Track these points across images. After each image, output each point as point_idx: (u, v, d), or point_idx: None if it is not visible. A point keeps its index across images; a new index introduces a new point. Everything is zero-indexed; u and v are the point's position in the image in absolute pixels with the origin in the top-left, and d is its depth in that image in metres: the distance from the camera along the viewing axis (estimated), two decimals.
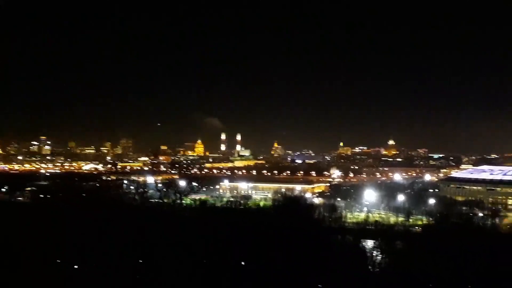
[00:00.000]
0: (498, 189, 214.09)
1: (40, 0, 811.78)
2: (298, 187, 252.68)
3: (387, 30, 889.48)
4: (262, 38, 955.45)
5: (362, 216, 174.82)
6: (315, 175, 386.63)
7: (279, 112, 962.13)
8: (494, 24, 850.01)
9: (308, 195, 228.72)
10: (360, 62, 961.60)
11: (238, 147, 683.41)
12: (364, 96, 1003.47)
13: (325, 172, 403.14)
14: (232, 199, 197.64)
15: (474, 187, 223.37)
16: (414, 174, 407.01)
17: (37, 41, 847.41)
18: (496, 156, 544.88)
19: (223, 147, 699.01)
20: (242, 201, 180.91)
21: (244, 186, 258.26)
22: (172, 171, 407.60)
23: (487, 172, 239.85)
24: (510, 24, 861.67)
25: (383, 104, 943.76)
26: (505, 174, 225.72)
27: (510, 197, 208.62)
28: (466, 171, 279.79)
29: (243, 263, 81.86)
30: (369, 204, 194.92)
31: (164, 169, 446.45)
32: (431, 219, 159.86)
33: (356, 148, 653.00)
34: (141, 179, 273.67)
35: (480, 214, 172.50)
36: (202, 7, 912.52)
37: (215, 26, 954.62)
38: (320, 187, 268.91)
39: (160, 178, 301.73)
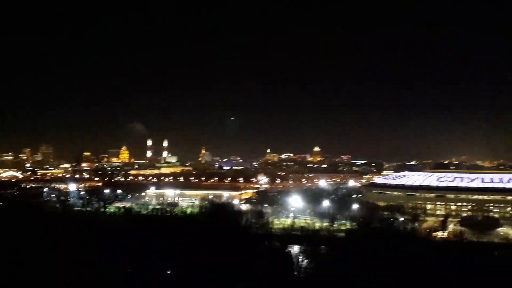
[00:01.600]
0: (417, 194, 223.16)
1: None
2: (225, 194, 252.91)
3: (312, 35, 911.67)
4: (184, 44, 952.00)
5: (288, 222, 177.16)
6: (242, 181, 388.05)
7: (207, 118, 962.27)
8: (416, 28, 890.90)
9: (235, 201, 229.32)
10: (286, 68, 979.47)
11: (165, 154, 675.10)
12: (290, 104, 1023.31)
13: (253, 179, 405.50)
14: (158, 206, 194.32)
15: (395, 193, 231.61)
16: (338, 180, 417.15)
17: None
18: (415, 162, 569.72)
19: (149, 154, 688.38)
20: (168, 209, 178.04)
21: (170, 193, 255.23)
22: (96, 178, 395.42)
23: (407, 177, 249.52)
24: (429, 27, 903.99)
25: (309, 112, 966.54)
26: (424, 180, 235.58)
27: (428, 202, 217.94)
28: (388, 177, 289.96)
29: (169, 271, 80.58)
30: (295, 210, 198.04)
31: (87, 176, 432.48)
32: (354, 223, 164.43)
33: (283, 155, 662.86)
34: (62, 186, 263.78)
35: (401, 219, 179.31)
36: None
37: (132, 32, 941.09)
38: (247, 193, 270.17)
39: (83, 185, 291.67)
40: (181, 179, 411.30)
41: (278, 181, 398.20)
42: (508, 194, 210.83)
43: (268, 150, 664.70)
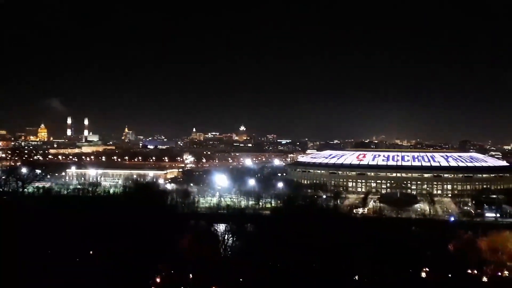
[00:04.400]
0: (340, 172, 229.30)
1: None
2: (150, 173, 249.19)
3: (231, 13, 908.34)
4: (105, 20, 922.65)
5: (214, 200, 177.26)
6: (167, 160, 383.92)
7: (130, 96, 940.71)
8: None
9: (160, 181, 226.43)
10: (211, 47, 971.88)
11: (86, 132, 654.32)
12: (216, 83, 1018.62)
13: (178, 158, 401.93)
14: (79, 186, 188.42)
15: (318, 171, 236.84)
16: (264, 159, 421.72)
17: None
18: (338, 141, 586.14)
19: (69, 132, 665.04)
20: (90, 189, 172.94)
21: (92, 173, 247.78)
22: (13, 158, 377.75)
23: (330, 156, 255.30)
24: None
25: (235, 91, 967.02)
26: (346, 158, 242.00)
27: (350, 180, 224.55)
28: (311, 156, 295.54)
29: (91, 252, 78.27)
30: (221, 188, 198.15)
31: (4, 155, 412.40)
32: (279, 202, 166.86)
33: (209, 134, 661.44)
34: None
35: (324, 196, 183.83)
36: None
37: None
38: (172, 172, 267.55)
39: None
40: (104, 158, 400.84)
41: (204, 160, 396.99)
42: (424, 171, 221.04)
43: (194, 129, 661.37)
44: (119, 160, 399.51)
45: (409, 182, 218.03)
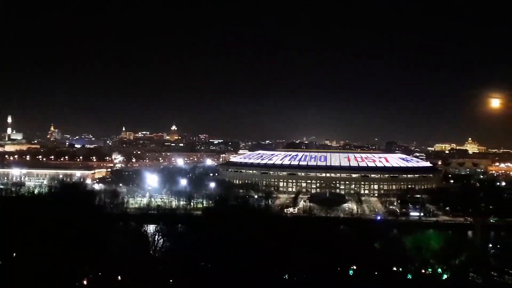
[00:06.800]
0: (271, 172, 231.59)
1: None
2: (77, 173, 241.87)
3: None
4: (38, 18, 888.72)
5: (144, 201, 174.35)
6: (95, 160, 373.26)
7: (57, 94, 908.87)
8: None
9: (88, 181, 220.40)
10: (142, 45, 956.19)
11: (9, 130, 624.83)
12: (147, 81, 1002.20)
13: (107, 157, 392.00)
14: (1, 186, 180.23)
15: (250, 171, 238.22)
16: (196, 159, 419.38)
17: None
18: (269, 141, 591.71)
19: None
20: (13, 189, 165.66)
21: (16, 173, 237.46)
22: None
23: (261, 156, 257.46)
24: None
25: (165, 90, 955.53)
26: (277, 159, 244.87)
27: (281, 180, 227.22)
28: (243, 156, 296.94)
29: (14, 254, 74.77)
30: (151, 189, 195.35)
31: None
32: (211, 202, 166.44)
33: (139, 133, 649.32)
34: None
35: (256, 196, 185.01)
36: None
37: None
38: (101, 172, 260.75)
39: None
40: (28, 157, 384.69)
41: (134, 160, 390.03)
42: (353, 172, 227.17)
43: (123, 128, 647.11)
44: (44, 159, 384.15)
45: (337, 182, 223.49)
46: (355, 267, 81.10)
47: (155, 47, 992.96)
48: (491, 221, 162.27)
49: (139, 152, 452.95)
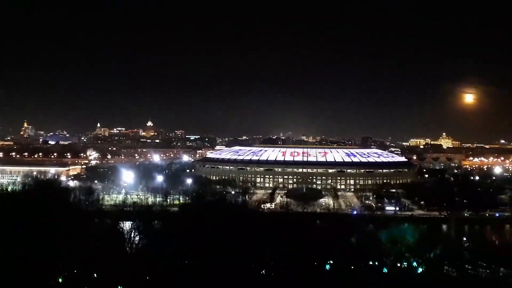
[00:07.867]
0: (248, 168, 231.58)
1: None
2: (51, 170, 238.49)
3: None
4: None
5: (120, 198, 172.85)
6: (70, 157, 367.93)
7: (30, 90, 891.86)
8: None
9: (62, 178, 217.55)
10: (117, 41, 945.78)
11: None
12: (122, 77, 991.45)
13: (82, 154, 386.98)
14: None
15: (227, 167, 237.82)
16: (172, 155, 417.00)
17: None
18: (246, 137, 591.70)
19: None
20: None
21: None
22: None
23: (238, 152, 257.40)
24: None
25: (141, 86, 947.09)
26: (254, 154, 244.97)
27: (258, 176, 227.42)
28: (220, 152, 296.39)
29: None
30: (127, 185, 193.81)
31: None
32: (187, 198, 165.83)
33: (114, 129, 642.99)
34: None
35: (233, 192, 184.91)
36: None
37: None
38: (75, 169, 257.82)
39: None
40: (1, 154, 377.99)
41: (109, 156, 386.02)
42: (329, 167, 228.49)
43: (98, 124, 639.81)
44: (17, 156, 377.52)
45: (314, 177, 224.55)
46: (331, 262, 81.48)
47: (130, 43, 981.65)
48: (465, 215, 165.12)
49: (114, 149, 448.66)
